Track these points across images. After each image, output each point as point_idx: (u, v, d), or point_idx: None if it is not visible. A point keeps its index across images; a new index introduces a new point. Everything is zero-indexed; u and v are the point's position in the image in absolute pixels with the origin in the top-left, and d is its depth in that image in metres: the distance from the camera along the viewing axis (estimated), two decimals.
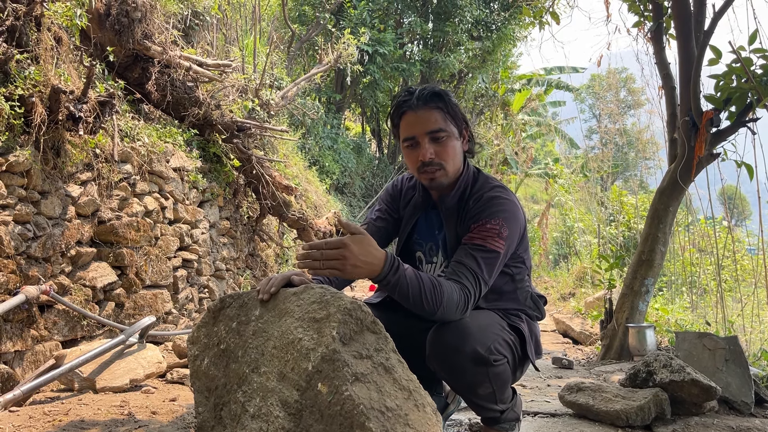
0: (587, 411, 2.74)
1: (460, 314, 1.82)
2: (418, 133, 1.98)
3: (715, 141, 4.34)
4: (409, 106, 2.00)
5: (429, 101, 1.98)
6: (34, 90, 3.19)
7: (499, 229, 1.90)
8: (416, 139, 1.99)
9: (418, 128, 1.98)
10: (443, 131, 1.98)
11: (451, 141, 2.00)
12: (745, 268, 8.92)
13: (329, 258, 1.61)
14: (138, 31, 4.53)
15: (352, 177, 15.78)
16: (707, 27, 4.18)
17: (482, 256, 1.86)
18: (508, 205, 1.97)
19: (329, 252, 1.61)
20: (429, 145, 1.98)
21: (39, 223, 3.29)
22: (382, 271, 1.67)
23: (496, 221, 1.91)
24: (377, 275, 1.68)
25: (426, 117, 1.97)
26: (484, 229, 1.90)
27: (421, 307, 1.74)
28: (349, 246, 1.61)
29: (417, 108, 1.98)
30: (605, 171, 15.42)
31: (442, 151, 1.99)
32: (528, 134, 21.58)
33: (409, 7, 16.78)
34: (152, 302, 4.26)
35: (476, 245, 1.88)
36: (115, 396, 3.06)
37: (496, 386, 1.91)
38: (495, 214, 1.93)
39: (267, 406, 1.52)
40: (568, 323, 7.31)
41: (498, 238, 1.89)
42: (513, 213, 1.97)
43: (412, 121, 1.99)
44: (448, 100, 2.01)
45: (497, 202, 1.97)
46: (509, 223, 1.93)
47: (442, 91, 2.03)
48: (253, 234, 6.67)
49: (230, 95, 6.19)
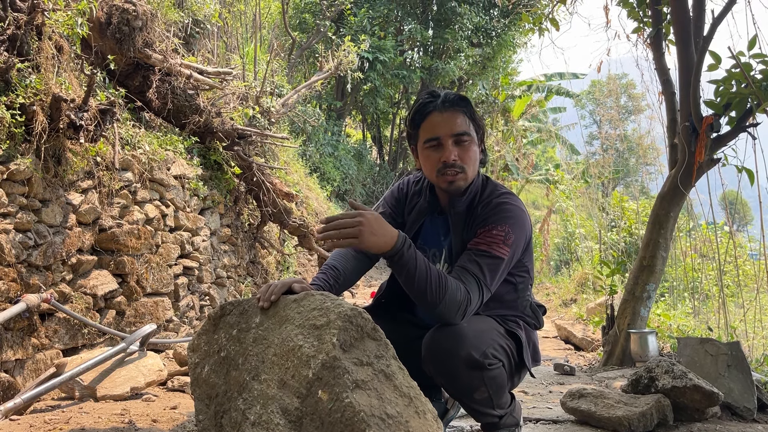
0: (589, 417, 2.73)
1: (460, 317, 1.82)
2: (443, 134, 1.98)
3: (716, 146, 4.35)
4: (435, 107, 2.01)
5: (456, 104, 2.00)
6: (35, 98, 3.20)
7: (504, 236, 1.90)
8: (440, 140, 1.99)
9: (444, 129, 1.98)
10: (467, 135, 1.99)
11: (473, 146, 2.02)
12: (747, 274, 8.91)
13: (346, 226, 1.67)
14: (139, 39, 4.55)
15: (352, 184, 15.79)
16: (706, 32, 4.19)
17: (486, 262, 1.86)
18: (515, 212, 1.98)
19: (346, 221, 1.68)
20: (453, 147, 1.98)
21: (40, 231, 3.29)
22: (396, 243, 1.72)
23: (502, 227, 1.91)
24: (391, 248, 1.72)
25: (452, 119, 1.98)
26: (489, 235, 1.91)
27: (424, 295, 1.75)
28: (365, 215, 1.69)
29: (443, 109, 1.99)
30: (606, 177, 15.42)
31: (465, 154, 2.00)
32: (529, 140, 21.59)
33: (409, 15, 16.84)
34: (153, 310, 4.26)
35: (481, 251, 1.88)
36: (115, 404, 3.05)
37: (492, 391, 1.90)
38: (502, 220, 1.94)
39: (267, 414, 1.52)
40: (569, 329, 7.29)
41: (503, 245, 1.89)
42: (520, 220, 1.97)
43: (437, 122, 2.00)
44: (472, 106, 2.05)
45: (505, 208, 1.97)
46: (515, 230, 1.93)
47: (467, 97, 2.06)
48: (254, 241, 6.67)
49: (231, 103, 6.20)
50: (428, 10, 16.67)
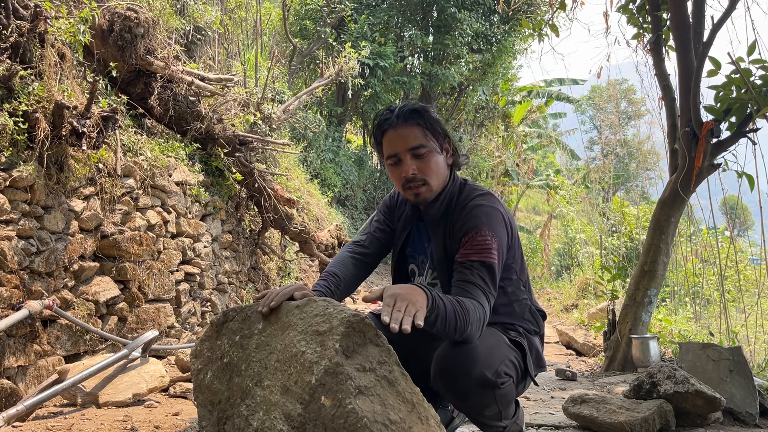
0: (591, 423, 2.73)
1: (479, 333, 1.81)
2: (399, 150, 2.00)
3: (716, 151, 4.36)
4: (389, 124, 2.02)
5: (408, 118, 2.00)
6: (38, 106, 3.21)
7: (490, 240, 1.89)
8: (398, 156, 2.00)
9: (400, 145, 1.99)
10: (424, 147, 1.99)
11: (432, 156, 2.01)
12: (749, 278, 8.89)
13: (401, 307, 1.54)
14: (140, 46, 4.57)
15: (353, 189, 15.80)
16: (706, 38, 4.21)
17: (483, 271, 1.86)
18: (491, 212, 1.97)
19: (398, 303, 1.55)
20: (411, 161, 1.99)
21: (42, 238, 3.30)
22: (426, 294, 1.63)
23: (485, 231, 1.90)
24: (426, 299, 1.62)
25: (406, 134, 1.99)
26: (475, 242, 1.89)
27: (457, 330, 1.70)
28: (395, 291, 1.58)
29: (397, 126, 2.00)
30: (607, 182, 15.44)
31: (425, 166, 2.00)
32: (529, 146, 21.61)
33: (409, 21, 16.88)
34: (155, 316, 4.26)
35: (474, 261, 1.87)
36: (117, 410, 3.05)
37: (502, 406, 1.90)
38: (481, 224, 1.92)
39: (270, 420, 1.52)
40: (571, 335, 7.29)
41: (492, 250, 1.88)
42: (497, 220, 1.96)
43: (393, 139, 2.01)
44: (427, 116, 2.02)
45: (482, 211, 1.97)
46: (497, 232, 1.92)
47: (421, 107, 2.04)
48: (255, 247, 6.67)
49: (232, 109, 6.22)
50: (428, 17, 16.71)
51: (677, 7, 4.37)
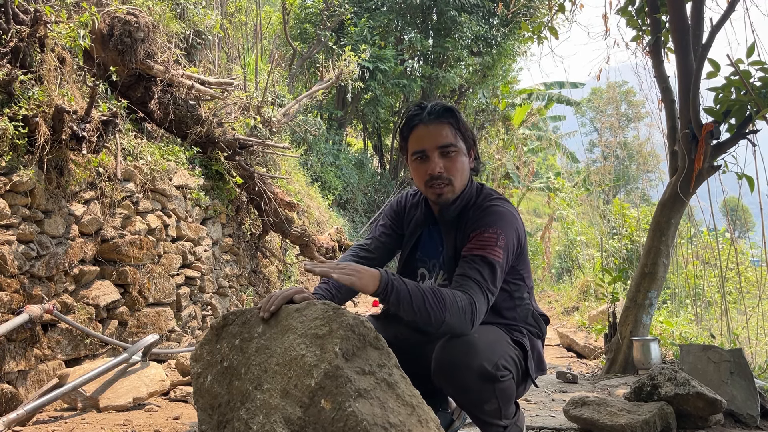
0: (592, 425, 2.73)
1: (469, 325, 1.79)
2: (428, 147, 1.99)
3: (716, 153, 4.35)
4: (420, 119, 2.01)
5: (441, 116, 2.00)
6: (38, 110, 3.22)
7: (496, 238, 1.89)
8: (426, 153, 1.99)
9: (429, 142, 1.98)
10: (453, 146, 1.99)
11: (460, 157, 2.01)
12: (750, 280, 8.89)
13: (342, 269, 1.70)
14: (141, 50, 4.58)
15: (354, 193, 15.80)
16: (705, 40, 4.21)
17: (484, 265, 1.85)
18: (506, 215, 1.97)
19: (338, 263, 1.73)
20: (439, 159, 1.98)
21: (42, 242, 3.30)
22: (381, 276, 1.71)
23: (493, 230, 1.90)
24: (379, 281, 1.70)
25: (437, 131, 1.98)
26: (482, 238, 1.90)
27: (428, 317, 1.72)
28: (348, 264, 1.74)
29: (428, 122, 1.99)
30: (607, 184, 15.42)
31: (451, 166, 1.99)
32: (529, 148, 21.62)
33: (409, 24, 16.90)
34: (155, 320, 4.26)
35: (476, 256, 1.87)
36: (118, 415, 3.05)
37: (502, 402, 1.90)
38: (492, 222, 1.93)
39: (270, 423, 1.52)
40: (572, 337, 7.28)
41: (497, 248, 1.88)
42: (510, 223, 1.96)
43: (422, 135, 2.00)
44: (459, 116, 2.03)
45: (495, 210, 1.97)
46: (506, 232, 1.92)
47: (454, 108, 2.04)
48: (255, 251, 6.68)
49: (232, 113, 6.23)
50: (428, 20, 16.73)
51: (676, 9, 4.38)
